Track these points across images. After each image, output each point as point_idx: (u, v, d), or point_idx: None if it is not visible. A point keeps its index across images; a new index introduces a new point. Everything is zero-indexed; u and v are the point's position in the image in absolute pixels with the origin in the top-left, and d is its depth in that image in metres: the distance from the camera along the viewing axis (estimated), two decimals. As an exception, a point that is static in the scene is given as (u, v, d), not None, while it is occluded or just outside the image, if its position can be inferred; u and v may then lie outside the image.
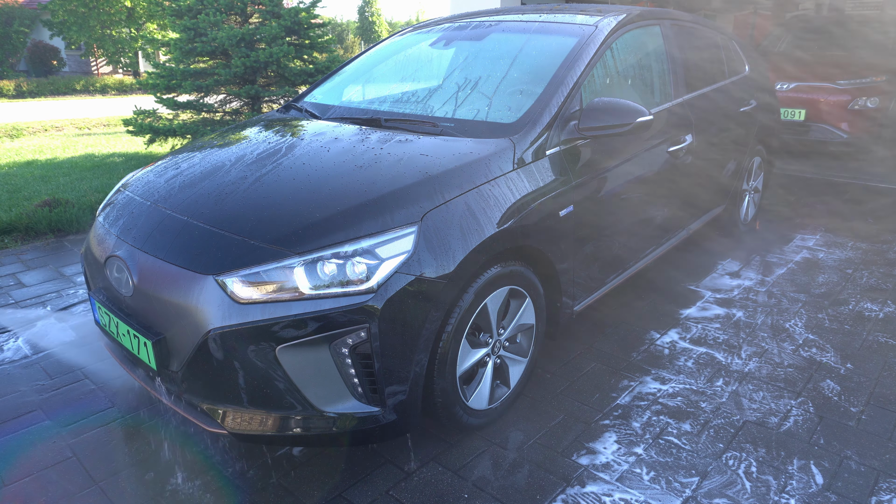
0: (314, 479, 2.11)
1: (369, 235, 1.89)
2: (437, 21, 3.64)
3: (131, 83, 19.29)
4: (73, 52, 24.16)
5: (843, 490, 2.06)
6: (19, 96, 16.70)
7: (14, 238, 4.47)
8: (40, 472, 2.14)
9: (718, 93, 3.80)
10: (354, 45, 36.55)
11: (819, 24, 8.01)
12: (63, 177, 6.29)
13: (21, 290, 3.61)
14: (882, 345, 3.00)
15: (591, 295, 2.78)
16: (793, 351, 2.95)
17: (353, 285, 1.82)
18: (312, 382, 1.84)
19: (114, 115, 12.26)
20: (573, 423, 2.40)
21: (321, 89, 3.42)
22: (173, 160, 2.59)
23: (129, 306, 2.07)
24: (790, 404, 2.53)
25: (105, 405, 2.52)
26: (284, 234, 1.89)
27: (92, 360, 2.85)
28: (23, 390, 2.62)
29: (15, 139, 9.10)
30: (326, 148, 2.43)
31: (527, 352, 2.47)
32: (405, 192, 2.02)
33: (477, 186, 2.13)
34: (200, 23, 6.12)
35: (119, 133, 9.64)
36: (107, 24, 20.37)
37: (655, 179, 3.06)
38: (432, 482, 2.09)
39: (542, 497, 2.02)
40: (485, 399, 2.30)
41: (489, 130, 2.42)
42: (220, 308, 1.82)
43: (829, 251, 4.26)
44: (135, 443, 2.29)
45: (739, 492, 2.05)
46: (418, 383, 1.98)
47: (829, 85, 6.61)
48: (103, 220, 2.33)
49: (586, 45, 2.74)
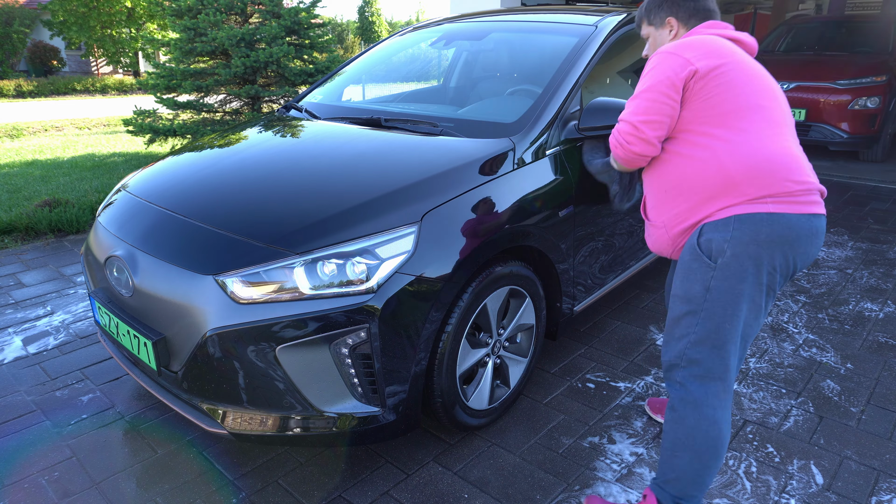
0: (314, 479, 2.11)
1: (369, 235, 1.88)
2: (438, 21, 3.64)
3: (131, 83, 19.29)
4: (73, 53, 24.17)
5: (843, 490, 2.06)
6: (19, 96, 16.69)
7: (14, 238, 4.47)
8: (40, 472, 2.14)
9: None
10: (354, 45, 36.56)
11: (819, 23, 8.01)
12: (63, 177, 6.29)
13: (21, 290, 3.61)
14: (882, 345, 3.00)
15: (591, 295, 2.78)
16: (793, 351, 2.95)
17: (353, 285, 1.82)
18: (312, 382, 1.84)
19: (114, 115, 12.26)
20: (573, 424, 2.40)
21: (321, 89, 3.42)
22: (173, 160, 2.60)
23: (129, 306, 2.07)
24: (790, 404, 2.53)
25: (105, 405, 2.52)
26: (284, 234, 1.89)
27: (92, 361, 2.85)
28: (23, 390, 2.62)
29: (15, 139, 9.10)
30: (326, 148, 2.43)
31: (527, 352, 2.47)
32: (405, 191, 2.02)
33: (477, 186, 2.13)
34: (200, 23, 6.12)
35: (119, 133, 9.64)
36: (107, 24, 20.38)
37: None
38: (432, 482, 2.09)
39: (542, 497, 2.02)
40: (485, 399, 2.30)
41: (489, 130, 2.42)
42: (220, 308, 1.82)
43: (829, 251, 4.26)
44: (135, 443, 2.29)
45: (739, 492, 2.05)
46: (418, 383, 1.98)
47: (829, 85, 6.61)
48: (103, 220, 2.33)
49: (586, 45, 2.73)
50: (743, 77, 1.68)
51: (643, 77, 1.76)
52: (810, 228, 1.64)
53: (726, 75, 1.67)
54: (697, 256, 1.70)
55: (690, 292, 1.71)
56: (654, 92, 1.70)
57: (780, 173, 1.62)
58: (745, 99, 1.67)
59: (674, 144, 1.76)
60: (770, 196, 1.62)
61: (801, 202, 1.63)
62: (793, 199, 1.62)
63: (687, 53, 1.69)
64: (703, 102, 1.68)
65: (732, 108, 1.66)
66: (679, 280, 1.76)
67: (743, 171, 1.63)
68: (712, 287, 1.67)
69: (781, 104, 1.73)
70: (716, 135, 1.67)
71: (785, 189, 1.62)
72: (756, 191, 1.62)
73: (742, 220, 1.63)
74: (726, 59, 1.69)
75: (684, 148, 1.73)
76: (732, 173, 1.64)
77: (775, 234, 1.61)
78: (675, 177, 1.76)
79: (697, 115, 1.69)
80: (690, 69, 1.67)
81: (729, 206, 1.65)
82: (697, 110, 1.69)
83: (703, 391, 1.71)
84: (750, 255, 1.62)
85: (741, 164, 1.63)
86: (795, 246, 1.64)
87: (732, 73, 1.67)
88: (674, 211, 1.78)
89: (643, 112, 1.73)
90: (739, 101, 1.66)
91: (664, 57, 1.73)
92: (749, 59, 1.75)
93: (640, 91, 1.74)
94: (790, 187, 1.62)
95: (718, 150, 1.66)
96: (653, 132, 1.73)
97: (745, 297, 1.65)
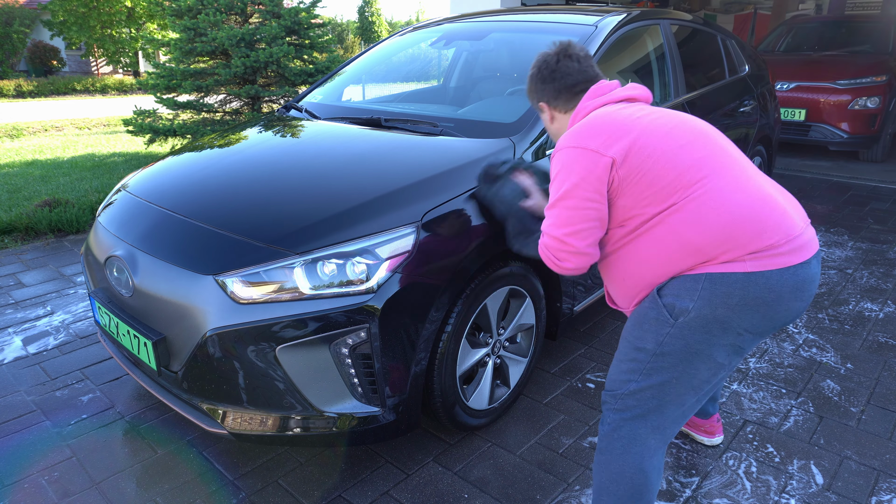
0: (314, 479, 2.11)
1: (369, 235, 1.89)
2: (438, 21, 3.64)
3: (131, 83, 19.28)
4: (74, 53, 24.17)
5: (843, 490, 2.06)
6: (19, 96, 16.69)
7: (14, 238, 4.47)
8: (40, 472, 2.14)
9: (718, 92, 3.80)
10: (354, 45, 36.57)
11: (819, 23, 8.01)
12: (63, 177, 6.29)
13: (21, 290, 3.61)
14: (882, 345, 3.00)
15: (592, 295, 2.78)
16: (793, 351, 2.95)
17: (353, 285, 1.82)
18: (312, 382, 1.84)
19: (114, 115, 12.26)
20: (573, 424, 2.40)
21: (321, 89, 3.42)
22: (173, 160, 2.60)
23: (129, 306, 2.07)
24: (790, 404, 2.53)
25: (105, 405, 2.52)
26: (284, 234, 1.89)
27: (92, 361, 2.85)
28: (23, 390, 2.62)
29: (15, 139, 9.10)
30: (326, 148, 2.43)
31: (527, 352, 2.47)
32: (405, 191, 2.02)
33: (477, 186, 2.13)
34: (200, 23, 6.12)
35: (119, 133, 9.64)
36: (107, 24, 20.37)
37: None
38: (432, 482, 2.09)
39: (542, 497, 2.02)
40: (485, 399, 2.30)
41: (489, 130, 2.42)
42: (220, 308, 1.82)
43: (829, 251, 4.26)
44: (135, 443, 2.29)
45: (739, 492, 2.05)
46: (418, 383, 1.98)
47: (829, 85, 6.62)
48: (103, 220, 2.33)
49: (586, 45, 2.73)
50: (662, 142, 1.48)
51: (553, 180, 1.55)
52: (795, 283, 1.43)
53: (645, 149, 1.46)
54: (656, 306, 1.51)
55: (640, 343, 1.53)
56: (572, 199, 1.50)
57: (750, 227, 1.42)
58: (679, 160, 1.46)
59: (619, 235, 1.55)
60: (747, 254, 1.42)
61: (784, 253, 1.42)
62: (773, 251, 1.42)
63: (592, 144, 1.49)
64: (635, 186, 1.47)
65: (672, 176, 1.45)
66: (632, 322, 1.57)
67: (709, 240, 1.43)
68: (665, 345, 1.49)
69: (714, 141, 1.53)
70: (664, 210, 1.46)
71: (762, 244, 1.41)
72: (729, 254, 1.42)
73: (714, 279, 1.43)
74: (634, 132, 1.49)
75: (634, 235, 1.52)
76: (697, 243, 1.44)
77: (750, 297, 1.42)
78: (632, 264, 1.56)
79: (637, 200, 1.48)
80: (605, 161, 1.47)
81: (701, 265, 1.46)
82: (633, 195, 1.48)
83: (632, 436, 1.56)
84: (717, 319, 1.44)
85: (704, 233, 1.42)
86: (776, 307, 1.44)
87: (650, 143, 1.47)
88: (639, 287, 1.59)
89: (566, 223, 1.53)
90: (675, 165, 1.45)
91: (569, 155, 1.51)
92: (654, 114, 1.55)
93: (556, 199, 1.53)
94: (768, 240, 1.41)
95: (674, 224, 1.45)
96: (582, 242, 1.53)
97: (703, 357, 1.48)
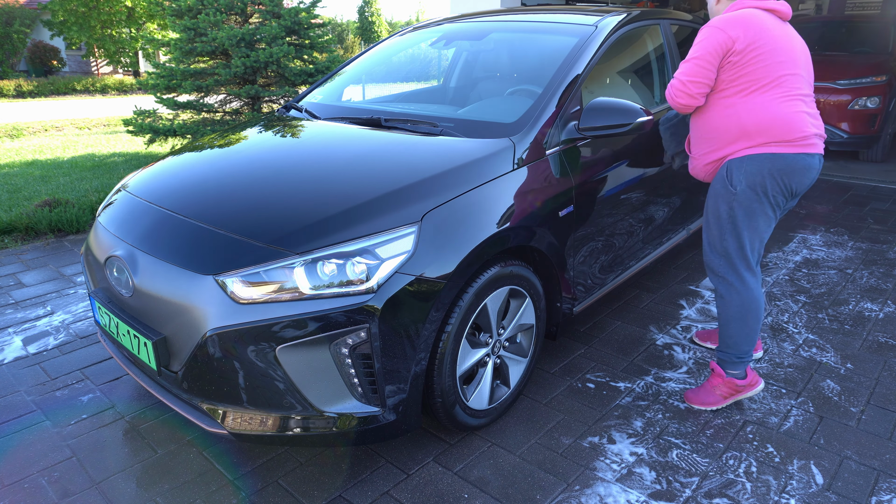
0: (314, 479, 2.11)
1: (369, 235, 1.89)
2: (438, 21, 3.64)
3: (131, 83, 19.29)
4: (74, 53, 24.18)
5: (843, 490, 2.06)
6: (19, 96, 16.70)
7: (14, 238, 4.47)
8: (40, 472, 2.14)
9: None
10: (354, 45, 36.57)
11: (819, 23, 8.01)
12: (63, 177, 6.29)
13: (21, 290, 3.61)
14: (882, 345, 3.00)
15: (591, 295, 2.78)
16: (793, 351, 2.95)
17: (354, 285, 1.82)
18: (312, 382, 1.84)
19: (114, 115, 12.27)
20: (573, 424, 2.40)
21: (321, 89, 3.42)
22: (173, 160, 2.60)
23: (129, 306, 2.07)
24: (790, 404, 2.53)
25: (105, 405, 2.52)
26: (284, 234, 1.89)
27: (92, 361, 2.85)
28: (23, 390, 2.62)
29: (15, 139, 9.10)
30: (326, 148, 2.43)
31: (527, 352, 2.47)
32: (405, 191, 2.02)
33: (477, 186, 2.13)
34: (200, 23, 6.12)
35: (119, 133, 9.65)
36: (107, 24, 20.38)
37: (656, 180, 3.06)
38: (432, 482, 2.09)
39: (542, 497, 2.02)
40: (485, 399, 2.30)
41: (489, 130, 2.42)
42: (220, 308, 1.82)
43: (829, 251, 4.26)
44: (135, 443, 2.29)
45: (739, 492, 2.05)
46: (418, 383, 1.98)
47: (829, 85, 6.61)
48: (103, 220, 2.33)
49: (586, 45, 2.74)
50: (772, 53, 2.19)
51: (695, 44, 2.28)
52: (804, 164, 2.25)
53: (758, 50, 2.18)
54: (724, 184, 2.32)
55: (719, 211, 2.35)
56: (701, 60, 2.25)
57: (783, 127, 2.21)
58: (771, 71, 2.20)
59: (710, 99, 2.33)
60: (773, 142, 2.22)
61: (798, 145, 2.23)
62: (790, 143, 2.22)
63: (731, 31, 2.19)
64: (736, 71, 2.22)
65: (758, 77, 2.21)
66: (710, 203, 2.40)
67: (755, 126, 2.23)
68: (734, 207, 2.31)
69: (802, 73, 2.26)
70: (741, 97, 2.24)
71: (785, 137, 2.21)
72: (763, 139, 2.23)
73: (753, 158, 2.25)
74: (761, 36, 2.19)
75: (716, 104, 2.31)
76: (747, 126, 2.24)
77: (776, 168, 2.23)
78: (707, 124, 2.36)
79: (731, 81, 2.24)
80: (731, 45, 2.19)
81: (744, 149, 2.26)
82: (731, 77, 2.24)
83: (737, 278, 2.38)
84: (759, 184, 2.25)
85: (754, 121, 2.22)
86: (791, 176, 2.25)
87: (764, 50, 2.19)
88: (705, 149, 2.40)
89: (691, 74, 2.28)
90: (766, 74, 2.20)
91: (712, 32, 2.23)
92: (781, 32, 2.23)
93: (692, 56, 2.28)
94: (789, 136, 2.21)
95: (739, 109, 2.25)
96: (696, 90, 2.29)
97: (758, 212, 2.29)
